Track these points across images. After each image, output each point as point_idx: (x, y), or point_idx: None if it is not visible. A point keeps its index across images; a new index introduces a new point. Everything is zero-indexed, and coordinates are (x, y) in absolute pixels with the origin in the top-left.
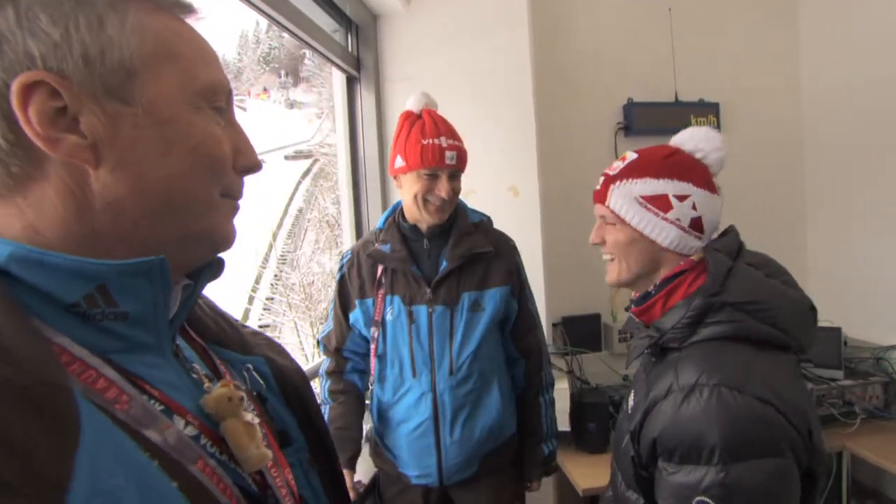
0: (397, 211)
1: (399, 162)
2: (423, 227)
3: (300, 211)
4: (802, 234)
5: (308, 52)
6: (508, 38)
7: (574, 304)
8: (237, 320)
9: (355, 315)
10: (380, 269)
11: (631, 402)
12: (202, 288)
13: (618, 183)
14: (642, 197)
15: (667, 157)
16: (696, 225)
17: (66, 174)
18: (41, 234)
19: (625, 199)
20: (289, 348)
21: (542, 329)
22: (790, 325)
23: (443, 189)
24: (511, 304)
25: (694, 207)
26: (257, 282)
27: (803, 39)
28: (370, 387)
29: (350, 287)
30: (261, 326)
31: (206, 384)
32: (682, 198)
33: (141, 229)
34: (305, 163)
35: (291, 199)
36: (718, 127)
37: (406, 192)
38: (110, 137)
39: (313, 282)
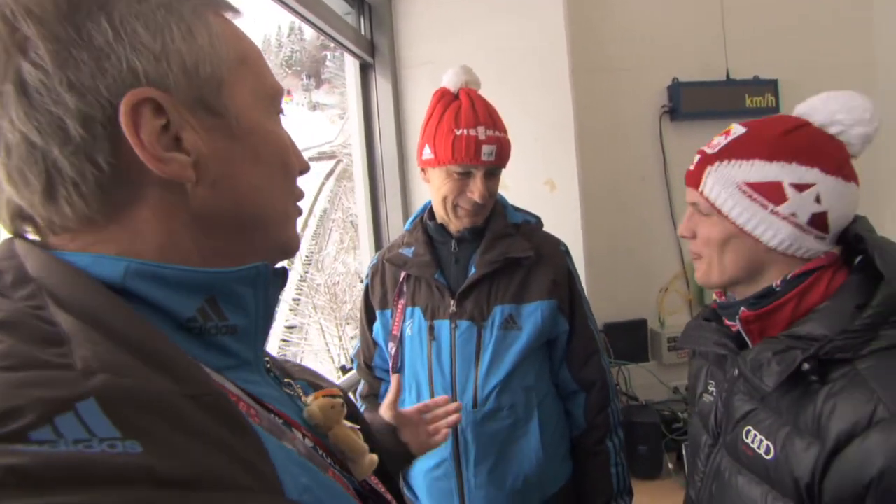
0: (427, 210)
1: (427, 153)
2: (453, 228)
3: (324, 212)
4: (878, 223)
5: (329, 54)
6: (541, 14)
7: (618, 310)
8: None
9: (376, 328)
10: (402, 276)
11: (707, 440)
12: (278, 299)
13: (717, 164)
14: (747, 184)
15: (787, 133)
16: (819, 222)
17: (165, 193)
18: (142, 256)
19: (724, 185)
20: (315, 349)
21: (605, 354)
22: None
23: (476, 191)
24: (558, 323)
25: (818, 200)
26: None
27: (877, 5)
28: None
29: (372, 297)
30: (287, 328)
31: (303, 397)
32: (802, 187)
33: (233, 243)
34: (329, 163)
35: (316, 200)
36: (777, 107)
37: (434, 189)
38: (209, 152)
39: (338, 282)
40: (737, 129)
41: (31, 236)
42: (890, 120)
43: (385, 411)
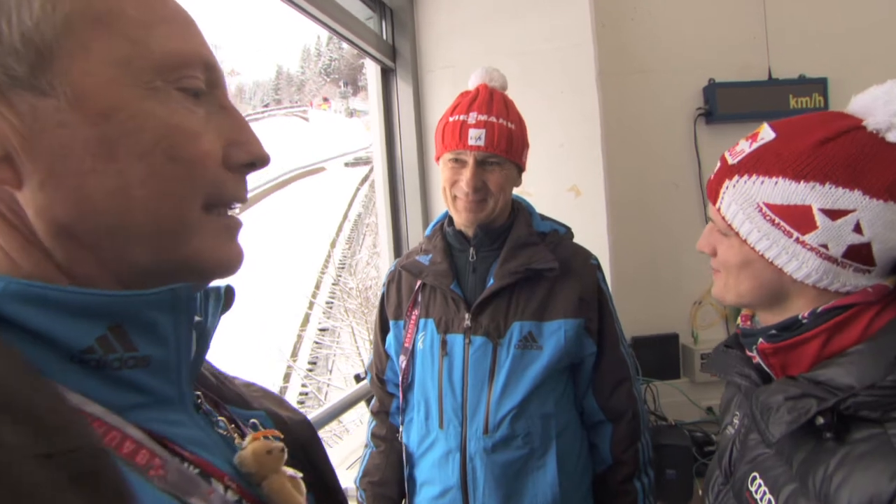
0: (447, 216)
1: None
2: (470, 233)
3: (359, 216)
4: None
5: (366, 62)
6: (566, 13)
7: (646, 323)
8: (226, 373)
9: (389, 339)
10: (417, 285)
11: (719, 477)
12: (216, 325)
13: (736, 178)
14: (769, 206)
15: (824, 143)
16: (859, 254)
17: None
18: (20, 266)
19: (742, 205)
20: (347, 352)
21: (638, 382)
22: None
23: (464, 178)
24: (584, 344)
25: (858, 229)
26: (317, 287)
27: None
28: (400, 429)
29: (387, 306)
30: (320, 330)
31: (237, 439)
32: (836, 214)
33: (109, 261)
34: (364, 169)
35: (351, 204)
36: (826, 108)
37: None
38: (28, 145)
39: (370, 286)
40: (766, 133)
41: None
42: None
43: None
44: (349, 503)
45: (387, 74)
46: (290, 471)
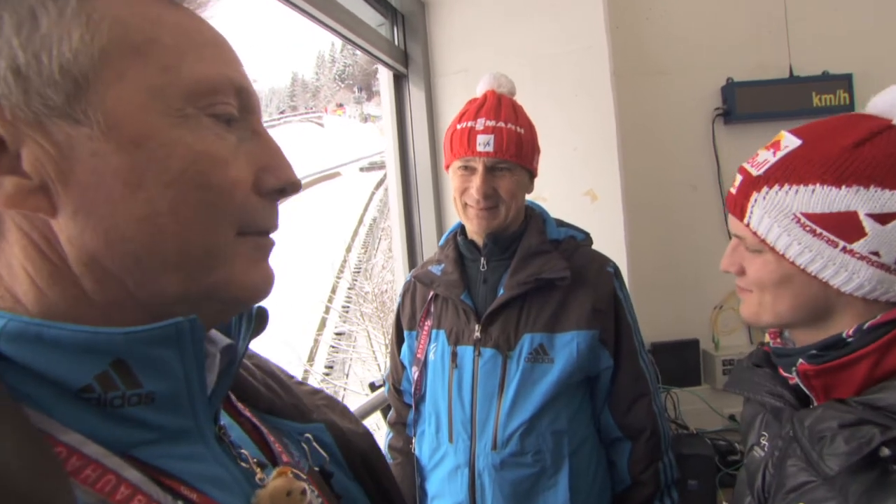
0: (461, 225)
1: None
2: (470, 233)
3: (374, 221)
4: None
5: (379, 68)
6: (578, 15)
7: (666, 328)
8: (293, 377)
9: (404, 350)
10: (430, 295)
11: (750, 502)
12: (245, 349)
13: (765, 190)
14: (807, 216)
15: (860, 144)
16: None
17: (27, 228)
18: (22, 303)
19: (777, 217)
20: (363, 356)
21: (659, 396)
22: None
23: (474, 185)
24: (600, 357)
25: None
26: (333, 291)
27: None
28: (413, 439)
29: (402, 316)
30: (336, 334)
31: (259, 475)
32: (886, 218)
33: (138, 289)
34: (379, 174)
35: (366, 209)
36: (852, 105)
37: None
38: (63, 173)
39: (386, 290)
40: (789, 140)
41: None
42: None
43: None
44: None
45: (399, 80)
46: None
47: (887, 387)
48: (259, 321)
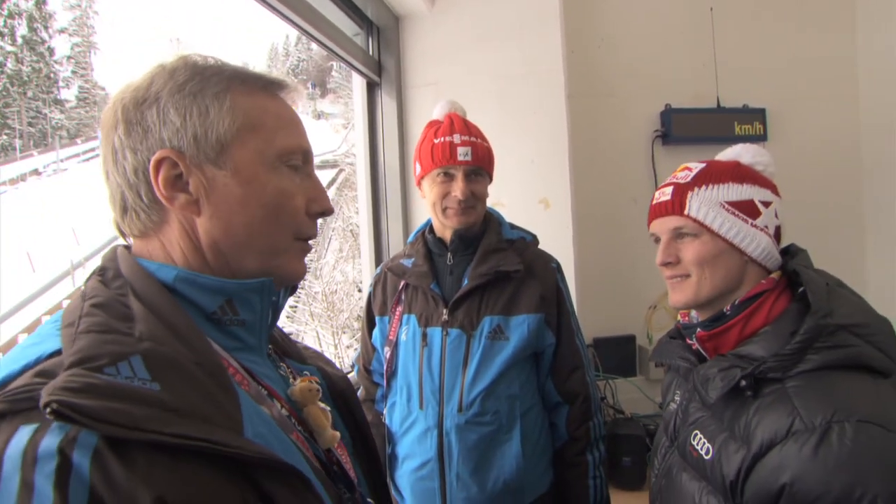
0: (429, 225)
1: (417, 168)
2: (446, 231)
3: (324, 220)
4: (860, 250)
5: (335, 65)
6: (539, 41)
7: (607, 325)
8: (291, 336)
9: (375, 333)
10: (401, 284)
11: (665, 442)
12: (284, 304)
13: (696, 190)
14: (728, 203)
15: (739, 166)
16: (778, 234)
17: (183, 221)
18: (175, 262)
19: (710, 206)
20: None
21: (591, 369)
22: (891, 348)
23: (458, 189)
24: (545, 336)
25: (776, 216)
26: None
27: (861, 43)
28: (383, 413)
29: (374, 304)
30: None
31: (292, 379)
32: (766, 204)
33: (233, 263)
34: (331, 172)
35: None
36: (765, 135)
37: (428, 200)
38: (208, 194)
39: (336, 291)
40: (696, 165)
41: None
42: (872, 151)
43: None
44: None
45: (372, 88)
46: (322, 404)
47: (749, 342)
48: (293, 289)
